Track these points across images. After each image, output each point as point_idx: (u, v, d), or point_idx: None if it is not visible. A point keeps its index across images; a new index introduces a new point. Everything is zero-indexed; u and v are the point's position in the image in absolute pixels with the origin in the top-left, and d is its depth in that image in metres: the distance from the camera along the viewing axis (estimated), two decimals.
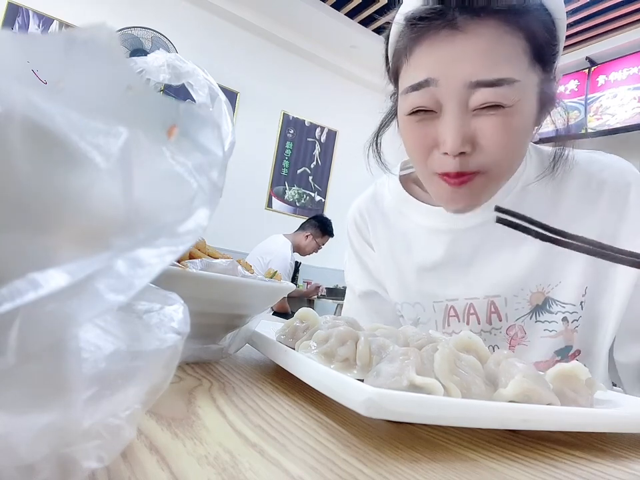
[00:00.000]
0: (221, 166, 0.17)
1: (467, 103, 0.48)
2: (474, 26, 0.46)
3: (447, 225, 0.64)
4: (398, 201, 0.70)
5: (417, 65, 0.50)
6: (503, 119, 0.48)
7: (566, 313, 0.59)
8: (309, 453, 0.25)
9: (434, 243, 0.65)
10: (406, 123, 0.54)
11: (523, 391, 0.32)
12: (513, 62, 0.47)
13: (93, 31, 0.15)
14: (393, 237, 0.70)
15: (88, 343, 0.15)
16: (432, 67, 0.49)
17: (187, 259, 0.42)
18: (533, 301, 0.60)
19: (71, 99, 0.14)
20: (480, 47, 0.46)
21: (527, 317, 0.61)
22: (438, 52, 0.48)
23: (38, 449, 0.13)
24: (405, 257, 0.68)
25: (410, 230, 0.68)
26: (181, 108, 0.17)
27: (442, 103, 0.49)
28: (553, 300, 0.60)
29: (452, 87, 0.48)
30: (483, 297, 0.62)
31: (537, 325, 0.60)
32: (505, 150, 0.50)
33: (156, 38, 3.28)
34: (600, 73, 3.41)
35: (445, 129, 0.49)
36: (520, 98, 0.48)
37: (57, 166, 0.13)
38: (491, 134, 0.48)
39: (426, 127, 0.51)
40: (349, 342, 0.37)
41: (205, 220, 0.15)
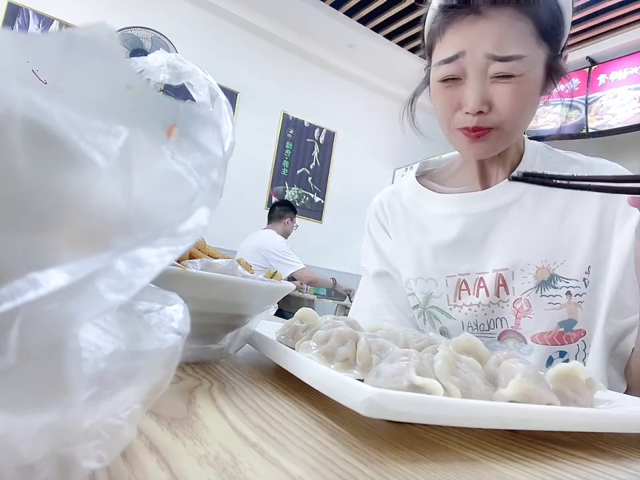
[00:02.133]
0: (221, 166, 0.17)
1: (486, 71, 0.60)
2: (492, 12, 0.59)
3: (461, 210, 0.72)
4: (415, 194, 0.79)
5: (448, 43, 0.63)
6: (514, 86, 0.60)
7: (569, 288, 0.65)
8: (309, 452, 0.25)
9: (449, 225, 0.72)
10: (437, 88, 0.66)
11: (523, 391, 0.32)
12: (521, 42, 0.59)
13: (93, 30, 0.15)
14: (410, 224, 0.78)
15: (88, 342, 0.14)
16: (460, 43, 0.61)
17: (187, 258, 0.42)
18: (538, 275, 0.66)
19: (71, 99, 0.14)
20: (496, 29, 0.59)
21: (532, 291, 0.66)
22: (465, 32, 0.61)
23: (38, 448, 0.13)
24: (421, 238, 0.75)
25: (426, 217, 0.76)
26: (181, 108, 0.17)
27: (467, 72, 0.61)
28: (558, 277, 0.66)
29: (475, 58, 0.60)
30: (492, 270, 0.68)
31: (542, 299, 0.66)
32: (515, 111, 0.61)
33: (156, 38, 3.28)
34: (600, 72, 3.41)
35: (468, 92, 0.61)
36: (527, 69, 0.59)
37: (56, 165, 0.13)
38: (503, 98, 0.60)
39: (453, 91, 0.63)
40: (349, 342, 0.37)
41: (205, 219, 0.15)
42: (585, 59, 3.50)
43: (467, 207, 0.72)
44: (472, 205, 0.71)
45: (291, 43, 4.00)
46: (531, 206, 0.68)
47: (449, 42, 0.62)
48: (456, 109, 0.64)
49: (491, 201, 0.70)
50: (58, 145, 0.13)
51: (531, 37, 0.60)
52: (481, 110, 0.60)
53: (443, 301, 0.72)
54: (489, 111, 0.61)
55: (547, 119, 3.57)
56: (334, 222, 4.29)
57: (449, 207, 0.74)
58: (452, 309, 0.72)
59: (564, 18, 0.62)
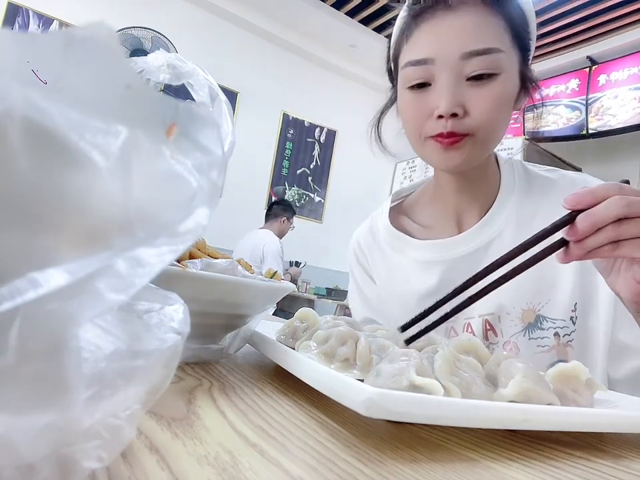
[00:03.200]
0: (220, 166, 0.17)
1: (461, 73, 0.56)
2: (463, 7, 0.56)
3: (439, 256, 0.68)
4: (390, 238, 0.75)
5: (416, 44, 0.59)
6: (490, 88, 0.56)
7: (557, 328, 0.62)
8: (309, 453, 0.25)
9: (429, 273, 0.69)
10: (405, 95, 0.62)
11: (523, 391, 0.32)
12: (497, 37, 0.56)
13: (92, 29, 0.15)
14: (391, 269, 0.75)
15: (88, 342, 0.14)
16: (429, 47, 0.57)
17: (187, 258, 0.42)
18: (524, 318, 0.63)
19: (70, 98, 0.14)
20: (470, 23, 0.56)
21: (520, 335, 0.64)
22: (434, 31, 0.57)
23: (38, 448, 0.13)
24: (404, 286, 0.72)
25: (406, 263, 0.72)
26: (180, 107, 0.17)
27: (438, 77, 0.57)
28: (544, 317, 0.63)
29: (447, 62, 0.56)
30: (477, 315, 0.66)
31: (530, 342, 0.63)
32: (490, 115, 0.57)
33: (156, 38, 3.28)
34: (601, 72, 3.41)
35: (439, 94, 0.57)
36: (505, 69, 0.56)
37: (56, 165, 0.13)
38: (478, 101, 0.56)
39: (422, 97, 0.59)
40: (349, 342, 0.37)
41: (204, 219, 0.15)
42: (586, 58, 3.50)
43: (444, 252, 0.68)
44: (450, 250, 0.68)
45: (291, 43, 4.00)
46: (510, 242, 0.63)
47: (418, 43, 0.58)
48: (427, 117, 0.59)
49: (469, 243, 0.66)
50: (58, 145, 0.13)
51: (505, 34, 0.57)
52: (454, 112, 0.56)
53: None
54: (463, 114, 0.57)
55: (547, 120, 3.57)
56: (334, 221, 4.30)
57: (427, 253, 0.70)
58: None
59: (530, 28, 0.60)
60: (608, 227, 0.39)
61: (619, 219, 0.38)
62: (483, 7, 0.56)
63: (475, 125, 0.57)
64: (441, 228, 0.71)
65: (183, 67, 0.35)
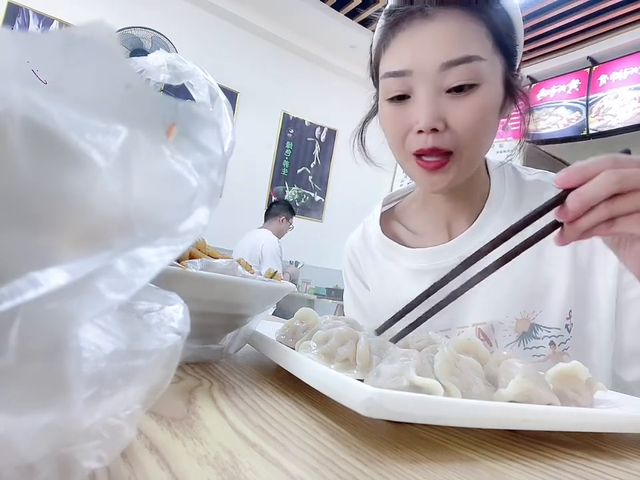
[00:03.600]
0: (220, 166, 0.17)
1: (441, 85, 0.53)
2: (441, 15, 0.53)
3: (430, 265, 0.67)
4: (382, 245, 0.73)
5: (394, 54, 0.56)
6: (471, 100, 0.53)
7: (552, 337, 0.61)
8: (309, 453, 0.25)
9: (420, 281, 0.67)
10: (385, 107, 0.59)
11: (523, 391, 0.32)
12: (478, 44, 0.53)
13: (91, 29, 0.15)
14: (382, 276, 0.73)
15: (88, 342, 0.14)
16: (406, 59, 0.55)
17: (187, 258, 0.42)
18: (518, 327, 0.62)
19: (70, 98, 0.14)
20: (449, 32, 0.53)
21: (514, 345, 0.62)
22: (411, 41, 0.54)
23: (38, 448, 0.13)
24: (395, 293, 0.71)
25: (396, 272, 0.71)
26: (180, 107, 0.17)
27: (416, 89, 0.55)
28: (538, 326, 0.62)
29: (425, 74, 0.53)
30: (471, 324, 0.64)
31: (525, 352, 0.62)
32: (473, 129, 0.54)
33: (156, 38, 3.28)
34: (601, 72, 3.41)
35: (418, 107, 0.54)
36: (487, 78, 0.54)
37: (56, 165, 0.13)
38: (460, 114, 0.53)
39: (402, 110, 0.57)
40: (349, 342, 0.37)
41: (204, 219, 0.15)
42: (586, 58, 3.50)
43: (435, 261, 0.67)
44: (440, 258, 0.66)
45: (291, 43, 4.00)
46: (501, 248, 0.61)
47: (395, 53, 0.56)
48: (407, 131, 0.56)
49: (459, 251, 0.64)
50: (57, 145, 0.13)
51: (487, 41, 0.54)
52: (434, 127, 0.53)
53: None
54: (444, 129, 0.54)
55: (548, 121, 3.57)
56: (335, 221, 4.29)
57: (418, 262, 0.68)
58: None
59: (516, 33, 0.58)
60: (600, 205, 0.37)
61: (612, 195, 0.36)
62: (461, 14, 0.53)
63: (457, 139, 0.54)
64: (431, 235, 0.70)
65: (182, 67, 0.35)
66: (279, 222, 3.24)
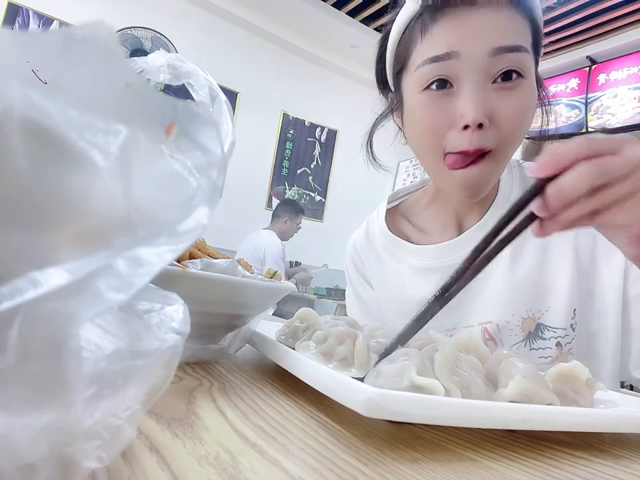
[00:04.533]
0: (220, 165, 0.17)
1: (488, 73, 0.50)
2: (488, 5, 0.50)
3: (436, 262, 0.65)
4: (387, 243, 0.71)
5: (436, 41, 0.52)
6: (519, 94, 0.51)
7: (558, 338, 0.60)
8: (309, 453, 0.25)
9: (426, 280, 0.66)
10: (419, 100, 0.54)
11: (523, 391, 0.32)
12: (524, 37, 0.52)
13: (91, 28, 0.15)
14: (388, 275, 0.72)
15: (88, 342, 0.14)
16: (453, 41, 0.51)
17: (186, 258, 0.42)
18: (524, 327, 0.61)
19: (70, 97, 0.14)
20: (499, 19, 0.50)
21: (520, 345, 0.61)
22: (458, 26, 0.51)
23: (38, 448, 0.13)
24: (401, 292, 0.69)
25: (402, 270, 0.69)
26: (180, 106, 0.17)
27: (462, 77, 0.51)
28: (545, 326, 0.61)
29: (474, 58, 0.50)
30: (477, 324, 0.63)
31: (532, 352, 0.61)
32: (518, 125, 0.52)
33: (156, 38, 3.28)
34: (600, 71, 3.41)
35: (466, 100, 0.50)
36: (530, 72, 0.52)
37: (56, 164, 0.13)
38: (508, 108, 0.50)
39: (443, 102, 0.52)
40: (347, 341, 0.37)
41: (205, 218, 0.15)
42: (585, 58, 3.50)
43: (442, 258, 0.65)
44: (448, 255, 0.64)
45: (291, 43, 4.00)
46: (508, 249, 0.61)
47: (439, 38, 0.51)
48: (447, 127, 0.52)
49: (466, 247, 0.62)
50: (57, 144, 0.13)
51: (529, 35, 0.53)
52: (482, 122, 0.49)
53: None
54: (489, 125, 0.50)
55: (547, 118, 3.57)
56: (335, 220, 4.29)
57: (425, 260, 0.66)
58: None
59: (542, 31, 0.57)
60: (581, 199, 0.35)
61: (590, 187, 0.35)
62: (508, 6, 0.51)
63: (500, 137, 0.51)
64: (440, 231, 0.68)
65: (183, 67, 0.35)
66: (282, 223, 3.21)
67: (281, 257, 3.04)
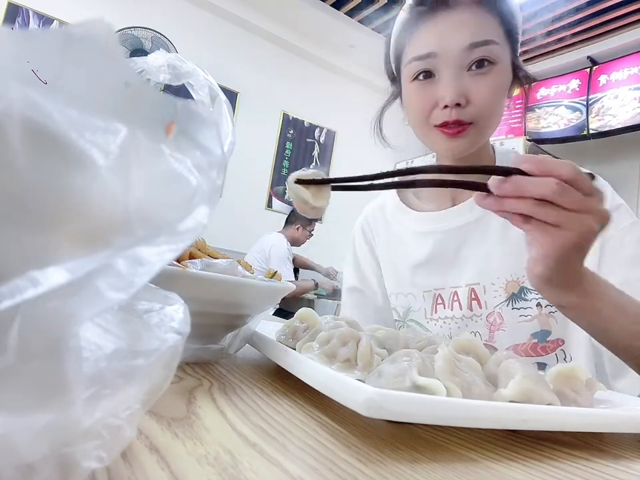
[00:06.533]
0: (220, 165, 0.17)
1: (463, 64, 0.62)
2: (461, 6, 0.62)
3: (433, 227, 0.75)
4: (395, 210, 0.83)
5: (420, 41, 0.64)
6: (490, 78, 0.62)
7: (539, 299, 0.66)
8: (308, 453, 0.25)
9: (423, 242, 0.76)
10: (410, 88, 0.67)
11: (523, 391, 0.32)
12: (493, 32, 0.63)
13: (90, 27, 0.15)
14: (391, 240, 0.82)
15: (88, 342, 0.14)
16: (432, 42, 0.63)
17: (187, 258, 0.42)
18: (508, 289, 0.68)
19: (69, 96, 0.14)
20: (469, 20, 0.62)
21: (503, 305, 0.68)
22: (436, 28, 0.63)
23: (38, 448, 0.13)
24: (401, 256, 0.79)
25: (404, 233, 0.80)
26: (179, 106, 0.17)
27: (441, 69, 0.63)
28: (528, 289, 0.67)
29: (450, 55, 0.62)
30: (464, 284, 0.71)
31: (514, 311, 0.67)
32: (490, 104, 0.63)
33: (156, 38, 3.28)
34: (601, 72, 3.41)
35: (443, 85, 0.62)
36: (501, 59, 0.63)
37: (56, 163, 0.13)
38: (479, 90, 0.62)
39: (427, 89, 0.65)
40: (350, 342, 0.37)
41: (204, 218, 0.15)
42: (586, 58, 3.50)
43: (438, 224, 0.74)
44: (443, 222, 0.74)
45: (291, 43, 4.00)
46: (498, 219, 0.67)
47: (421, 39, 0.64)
48: (432, 107, 0.64)
49: (460, 217, 0.72)
50: (57, 143, 0.13)
51: (500, 29, 0.63)
52: (458, 102, 0.61)
53: (420, 315, 0.76)
54: (466, 104, 0.62)
55: (548, 120, 3.57)
56: (334, 220, 4.29)
57: (423, 225, 0.76)
58: (429, 322, 0.75)
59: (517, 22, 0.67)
60: (528, 200, 0.40)
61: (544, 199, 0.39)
62: (478, 6, 0.62)
63: (477, 113, 0.62)
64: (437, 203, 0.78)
65: (183, 67, 0.35)
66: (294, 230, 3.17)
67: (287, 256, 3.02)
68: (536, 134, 3.58)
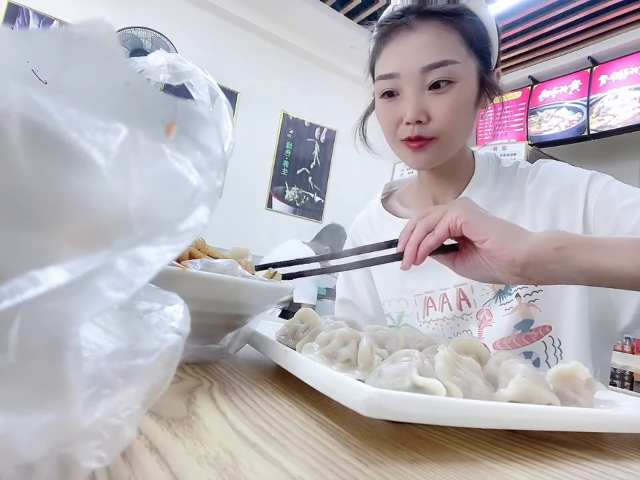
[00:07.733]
0: (220, 165, 0.17)
1: (423, 84, 0.65)
2: (422, 27, 0.65)
3: None
4: (380, 219, 0.87)
5: (385, 60, 0.69)
6: (448, 96, 0.65)
7: (517, 290, 0.69)
8: (309, 453, 0.25)
9: None
10: (380, 104, 0.71)
11: (523, 391, 0.32)
12: (452, 50, 0.65)
13: (90, 26, 0.15)
14: None
15: (88, 341, 0.14)
16: (394, 63, 0.67)
17: (186, 258, 0.42)
18: (495, 286, 0.71)
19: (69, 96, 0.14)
20: (428, 41, 0.65)
21: (492, 301, 0.71)
22: (398, 49, 0.67)
23: (38, 448, 0.13)
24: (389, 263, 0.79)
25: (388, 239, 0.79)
26: (180, 106, 0.17)
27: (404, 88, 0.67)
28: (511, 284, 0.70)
29: (410, 75, 0.65)
30: (452, 286, 0.74)
31: (501, 307, 0.70)
32: (450, 120, 0.65)
33: (156, 38, 3.28)
34: (602, 72, 3.40)
35: (405, 104, 0.66)
36: (461, 77, 0.65)
37: (56, 163, 0.13)
38: (439, 107, 0.65)
39: (392, 105, 0.69)
40: (350, 343, 0.37)
41: (205, 217, 0.15)
42: (587, 59, 3.50)
43: None
44: None
45: (291, 43, 4.00)
46: None
47: (387, 59, 0.68)
48: (398, 122, 0.68)
49: None
50: (57, 143, 0.13)
51: (461, 47, 0.65)
52: (419, 119, 0.64)
53: (413, 319, 0.78)
54: (427, 120, 0.65)
55: (550, 123, 3.57)
56: (334, 221, 4.29)
57: None
58: (422, 325, 0.77)
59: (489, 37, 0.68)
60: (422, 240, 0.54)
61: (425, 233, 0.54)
62: (438, 25, 0.64)
63: (437, 129, 0.65)
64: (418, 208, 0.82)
65: (183, 67, 0.35)
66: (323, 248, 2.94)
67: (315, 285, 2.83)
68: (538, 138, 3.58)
